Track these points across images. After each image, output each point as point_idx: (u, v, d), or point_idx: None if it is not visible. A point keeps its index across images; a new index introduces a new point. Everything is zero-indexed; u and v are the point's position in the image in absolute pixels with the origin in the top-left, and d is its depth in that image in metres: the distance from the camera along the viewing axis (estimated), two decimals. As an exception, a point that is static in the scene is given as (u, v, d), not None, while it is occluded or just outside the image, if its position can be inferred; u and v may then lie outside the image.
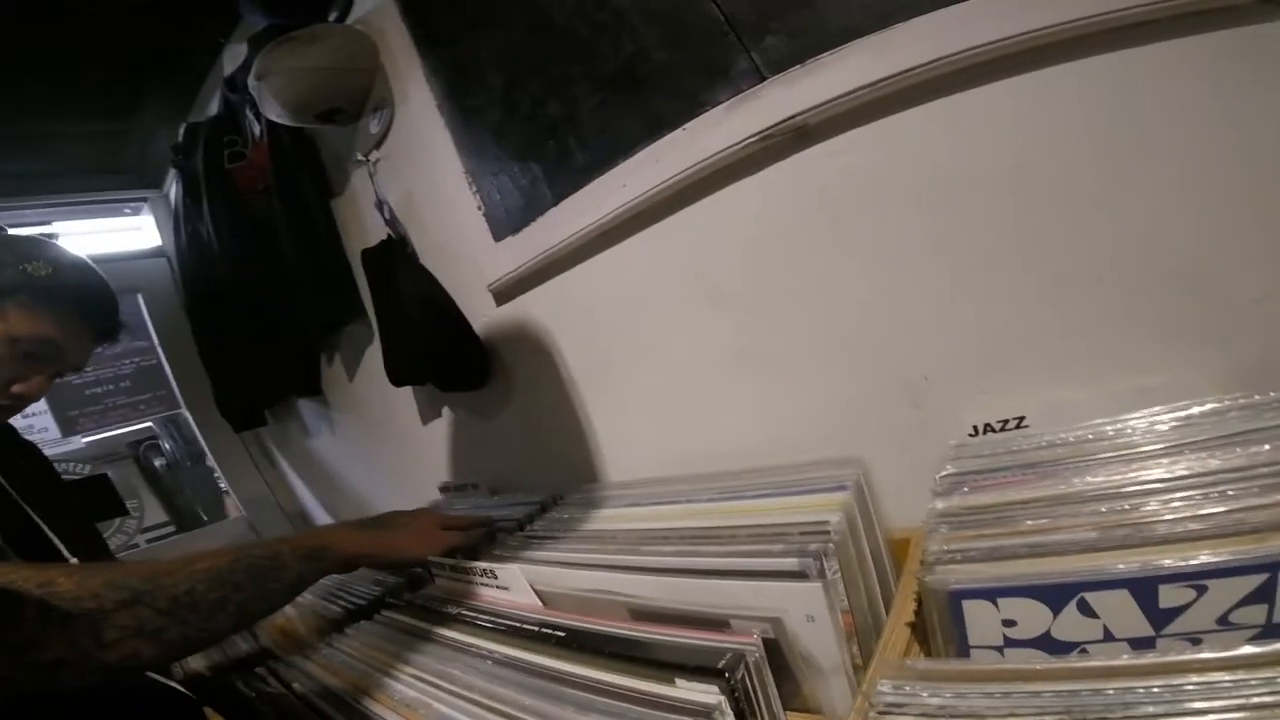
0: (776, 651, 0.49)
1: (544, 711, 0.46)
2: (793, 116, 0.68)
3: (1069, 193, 0.58)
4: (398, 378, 1.19)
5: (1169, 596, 0.36)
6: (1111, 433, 0.52)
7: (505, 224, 0.99)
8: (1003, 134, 0.60)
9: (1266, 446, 0.43)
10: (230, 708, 0.77)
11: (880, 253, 0.68)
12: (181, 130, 1.60)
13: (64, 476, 1.90)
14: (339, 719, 0.58)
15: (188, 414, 2.10)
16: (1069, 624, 0.39)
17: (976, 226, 0.62)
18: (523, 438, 1.15)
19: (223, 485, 2.20)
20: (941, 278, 0.65)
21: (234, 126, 1.46)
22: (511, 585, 0.67)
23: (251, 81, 1.15)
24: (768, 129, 0.70)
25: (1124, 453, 0.49)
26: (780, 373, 0.78)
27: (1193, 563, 0.36)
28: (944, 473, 0.55)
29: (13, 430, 1.07)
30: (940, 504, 0.50)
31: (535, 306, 1.02)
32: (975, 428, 0.61)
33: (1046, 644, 0.40)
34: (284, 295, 1.45)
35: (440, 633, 0.66)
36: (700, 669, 0.43)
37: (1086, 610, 0.38)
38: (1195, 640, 0.37)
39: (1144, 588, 0.37)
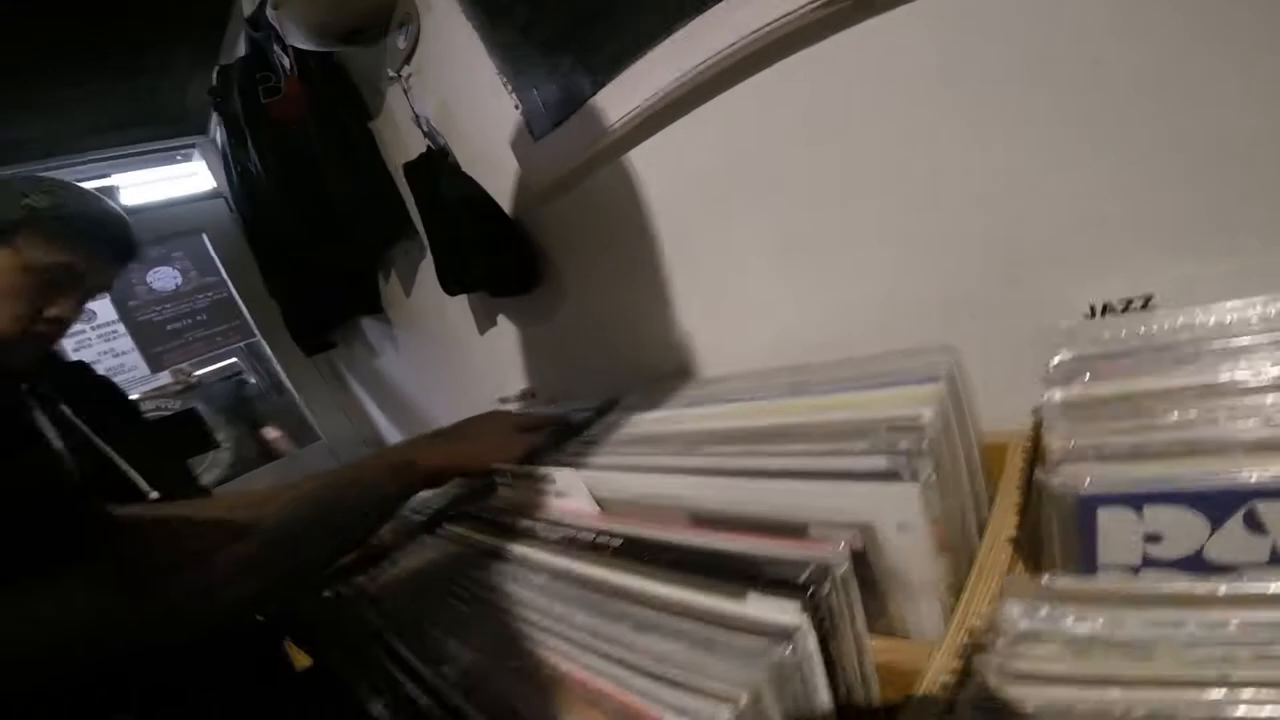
0: (863, 564, 0.43)
1: (598, 629, 0.41)
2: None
3: (1224, 36, 0.44)
4: (450, 287, 1.17)
5: None
6: (1271, 314, 0.41)
7: (544, 120, 0.90)
8: None
9: None
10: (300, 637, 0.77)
11: (972, 109, 0.55)
12: (214, 74, 1.58)
13: (154, 414, 1.99)
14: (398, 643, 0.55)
15: (264, 342, 2.15)
16: (1229, 541, 0.31)
17: (1106, 71, 0.49)
18: (577, 341, 1.11)
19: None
20: (1054, 132, 0.52)
21: (264, 63, 1.41)
22: (570, 490, 0.62)
23: (270, 12, 1.09)
24: (826, -4, 0.57)
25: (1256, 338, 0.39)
26: (854, 255, 0.68)
27: None
28: (1058, 359, 0.46)
29: (86, 367, 1.09)
30: (1059, 394, 0.41)
31: (581, 203, 0.94)
32: (1091, 308, 0.51)
33: (1195, 565, 0.32)
34: (335, 219, 1.42)
35: (496, 545, 0.62)
36: (777, 582, 0.36)
37: (1254, 525, 0.30)
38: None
39: None
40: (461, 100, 1.06)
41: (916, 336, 0.62)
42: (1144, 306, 0.48)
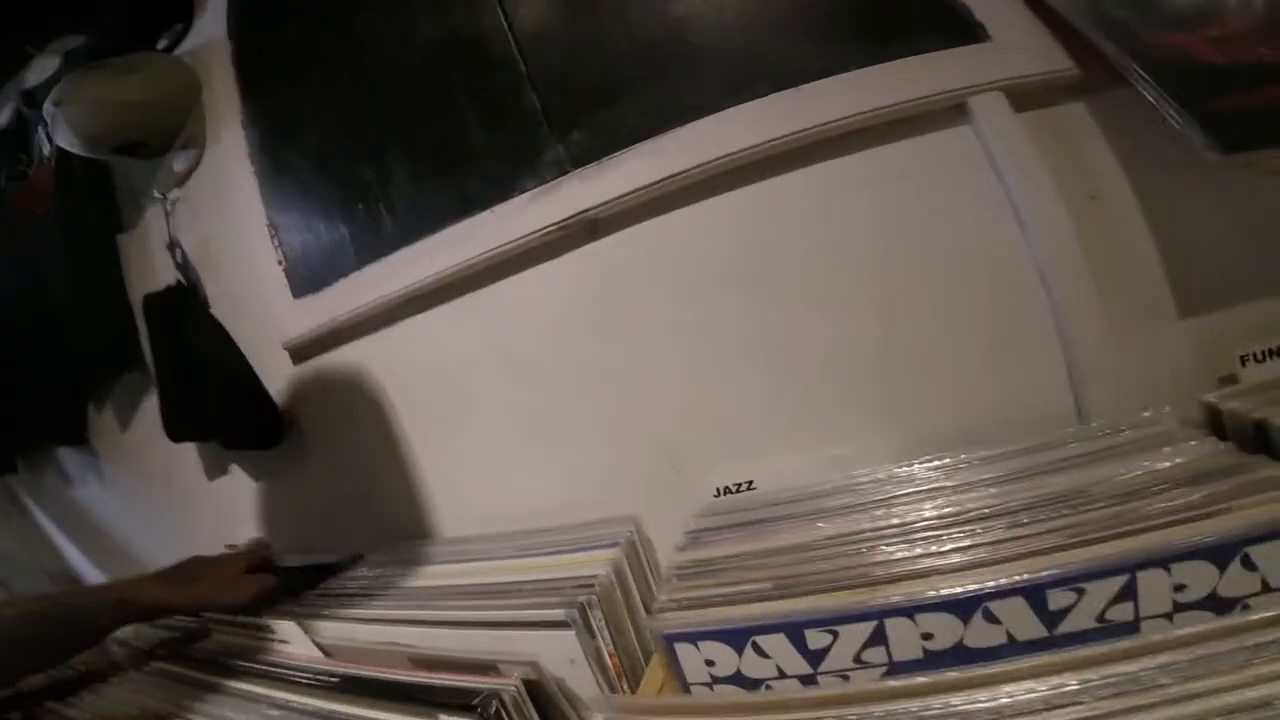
0: (542, 694, 0.59)
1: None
2: (585, 211, 0.81)
3: (788, 293, 0.76)
4: (177, 434, 1.15)
5: (814, 639, 0.49)
6: (810, 494, 0.68)
7: (306, 281, 1.02)
8: (739, 237, 0.78)
9: (904, 510, 0.60)
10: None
11: (648, 338, 0.83)
12: (-41, 141, 1.46)
13: None
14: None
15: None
16: (751, 663, 0.51)
17: (719, 319, 0.79)
18: (319, 498, 1.15)
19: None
20: (692, 362, 0.81)
21: (21, 143, 1.38)
22: (291, 639, 0.72)
23: (48, 106, 1.10)
24: (564, 220, 0.82)
25: (814, 513, 0.64)
26: (570, 441, 0.89)
27: (826, 612, 0.49)
28: (688, 529, 0.69)
29: None
30: (678, 557, 0.63)
31: (334, 368, 1.05)
32: (718, 490, 0.76)
33: (741, 681, 0.52)
34: (50, 332, 1.35)
35: (215, 680, 0.69)
36: (460, 706, 0.52)
37: (759, 650, 0.51)
38: (845, 677, 0.49)
39: (794, 632, 0.49)
40: (224, 240, 1.14)
41: (620, 506, 0.84)
42: (748, 488, 0.74)
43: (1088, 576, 0.43)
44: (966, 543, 0.51)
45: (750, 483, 0.74)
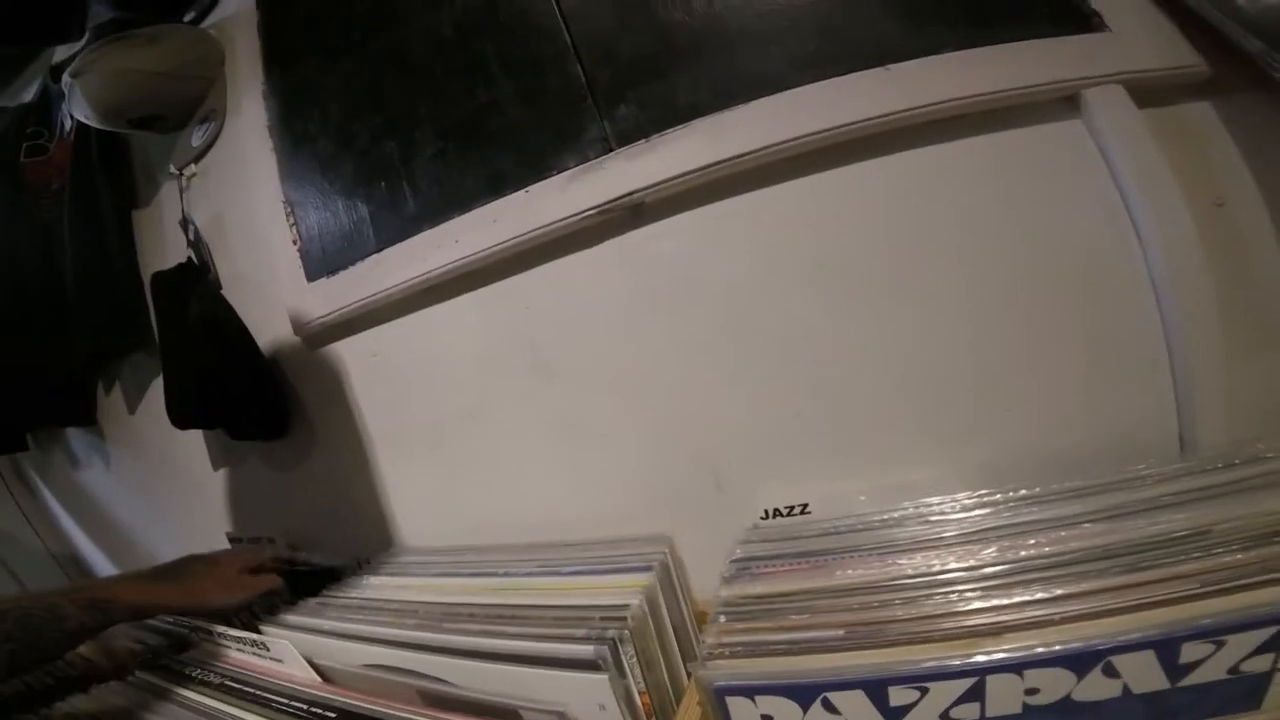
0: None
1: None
2: (631, 193, 0.72)
3: (858, 296, 0.68)
4: (181, 420, 1.09)
5: (898, 696, 0.42)
6: (877, 523, 0.60)
7: (322, 263, 0.95)
8: (805, 233, 0.69)
9: (993, 549, 0.52)
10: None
11: (692, 340, 0.74)
12: (-17, 114, 1.43)
13: None
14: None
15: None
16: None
17: (775, 322, 0.71)
18: (327, 493, 1.09)
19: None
20: (741, 368, 0.73)
21: (43, 117, 1.33)
22: (285, 658, 0.64)
23: (66, 78, 1.06)
24: (606, 203, 0.73)
25: (884, 546, 0.56)
26: (599, 448, 0.82)
27: (918, 668, 0.42)
28: (734, 556, 0.60)
29: None
30: (725, 591, 0.55)
31: (348, 356, 0.99)
32: (766, 512, 0.68)
33: None
34: (60, 310, 1.31)
35: (193, 699, 0.63)
36: None
37: (830, 708, 0.43)
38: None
39: (876, 689, 0.42)
40: (238, 217, 1.08)
41: (651, 523, 0.77)
42: (802, 513, 0.66)
43: (1232, 629, 0.38)
44: (1084, 587, 0.45)
45: (805, 506, 0.66)
